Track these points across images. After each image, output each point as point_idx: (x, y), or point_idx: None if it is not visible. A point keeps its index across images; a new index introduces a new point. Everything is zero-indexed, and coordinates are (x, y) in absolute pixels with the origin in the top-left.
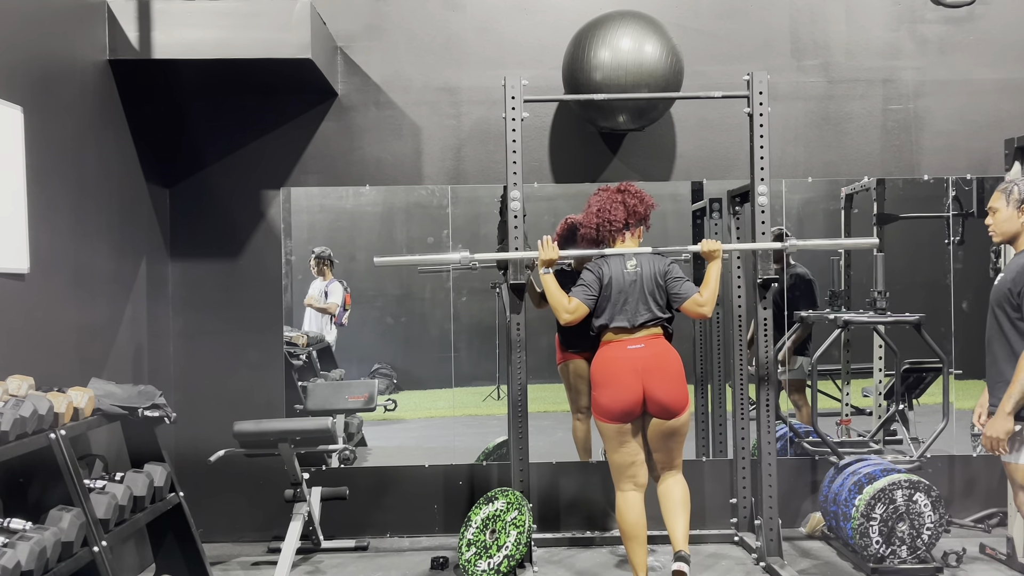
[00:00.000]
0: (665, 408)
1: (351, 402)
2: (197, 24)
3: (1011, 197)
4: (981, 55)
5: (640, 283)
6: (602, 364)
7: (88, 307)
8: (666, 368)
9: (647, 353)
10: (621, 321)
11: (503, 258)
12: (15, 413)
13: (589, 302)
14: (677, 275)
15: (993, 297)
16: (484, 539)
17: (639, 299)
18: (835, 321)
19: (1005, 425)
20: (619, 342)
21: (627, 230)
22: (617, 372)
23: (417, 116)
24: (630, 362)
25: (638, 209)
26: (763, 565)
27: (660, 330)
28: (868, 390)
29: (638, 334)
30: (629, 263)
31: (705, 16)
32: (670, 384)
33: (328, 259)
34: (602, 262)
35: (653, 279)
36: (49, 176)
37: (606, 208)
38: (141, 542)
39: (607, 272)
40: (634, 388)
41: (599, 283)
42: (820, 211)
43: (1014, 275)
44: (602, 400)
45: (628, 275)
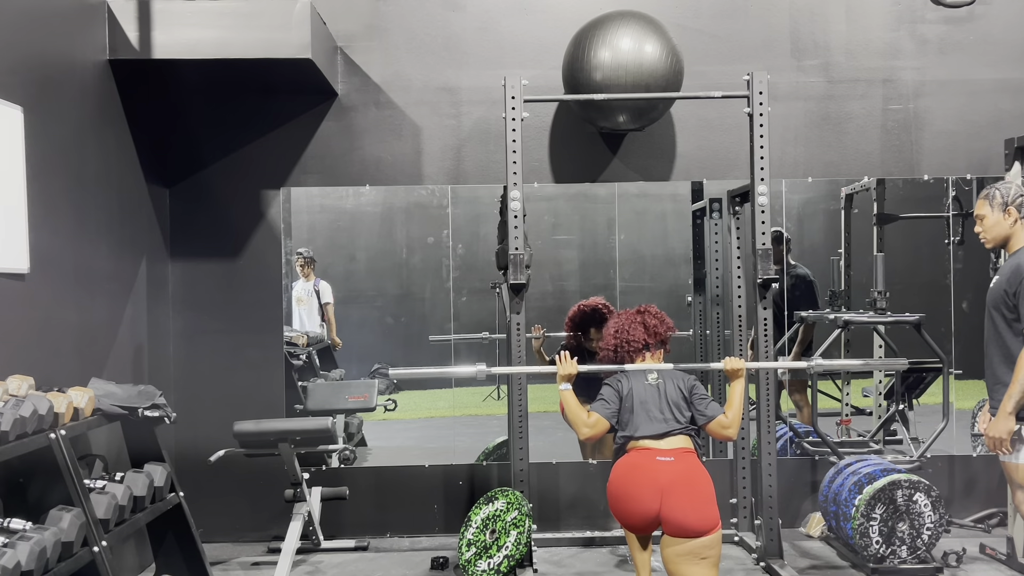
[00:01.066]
0: (684, 528)
1: (351, 402)
2: (197, 24)
3: (994, 202)
4: (981, 55)
5: (663, 394)
6: (620, 473)
7: (88, 307)
8: (693, 488)
9: (676, 469)
10: (646, 430)
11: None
12: (15, 413)
13: (611, 418)
14: (702, 394)
15: (989, 299)
16: (484, 539)
17: (664, 408)
18: (835, 321)
19: (1007, 425)
20: (647, 451)
21: (647, 350)
22: (633, 487)
23: (417, 116)
24: (653, 475)
25: (658, 330)
26: (763, 565)
27: (691, 443)
28: (868, 390)
29: (667, 444)
30: (650, 376)
31: (705, 16)
32: (694, 505)
33: (313, 259)
34: (622, 376)
35: (678, 391)
36: (49, 176)
37: (624, 328)
38: (141, 542)
39: (627, 385)
40: (650, 505)
41: (619, 397)
42: (820, 211)
43: (1008, 277)
44: (617, 510)
45: (649, 387)
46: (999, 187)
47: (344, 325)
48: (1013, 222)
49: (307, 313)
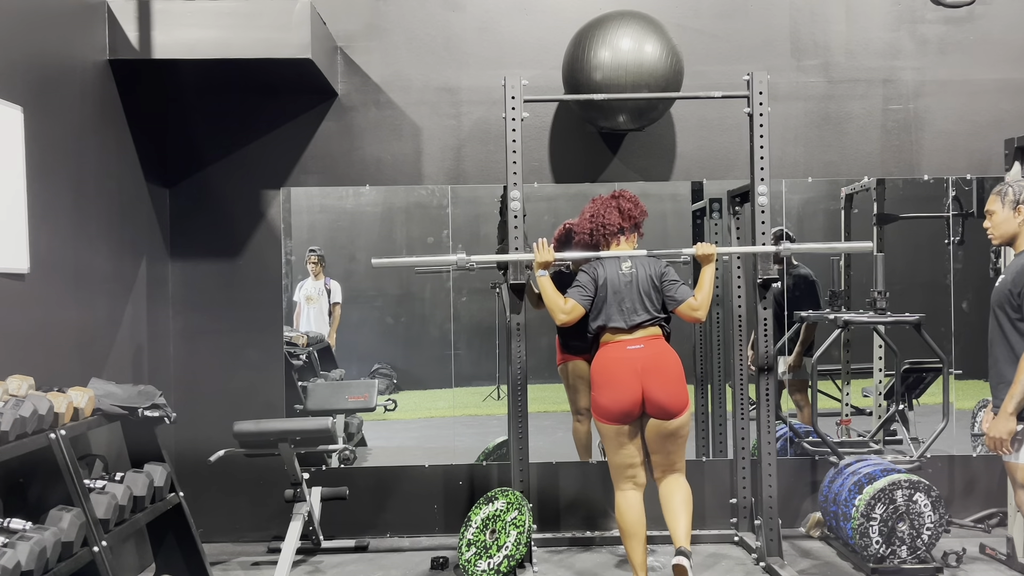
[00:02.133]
0: (663, 409)
1: (351, 402)
2: (197, 24)
3: (1006, 199)
4: (981, 55)
5: (636, 284)
6: (602, 365)
7: (88, 307)
8: (665, 369)
9: (646, 354)
10: (618, 322)
11: (500, 260)
12: (15, 413)
13: (585, 302)
14: (672, 278)
15: (994, 298)
16: (484, 539)
17: (635, 300)
18: (835, 321)
19: (1008, 425)
20: (618, 343)
21: (622, 234)
22: (616, 373)
23: (417, 116)
24: (629, 362)
25: (632, 213)
26: (763, 565)
27: (659, 330)
28: (868, 390)
29: (637, 334)
30: (624, 265)
31: (705, 16)
32: (669, 385)
33: (324, 257)
34: (597, 264)
35: (648, 280)
36: (49, 176)
37: (600, 213)
38: (141, 542)
39: (602, 273)
40: (633, 389)
41: (594, 284)
42: (820, 211)
43: (1014, 276)
44: (601, 401)
45: (623, 276)
46: (1013, 184)
47: (344, 325)
48: (1022, 220)
49: (317, 312)
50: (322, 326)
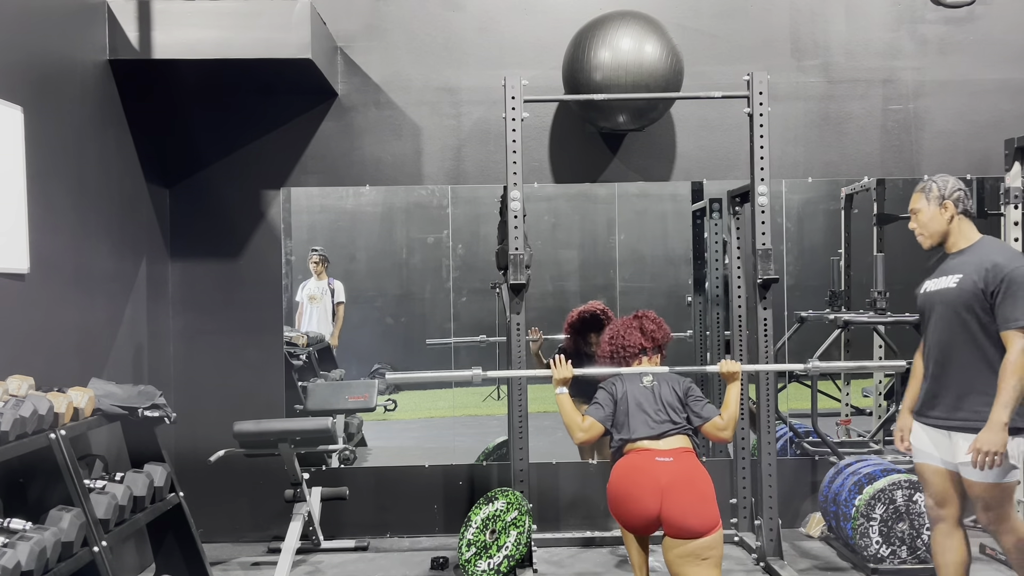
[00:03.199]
0: (684, 530)
1: (351, 402)
2: (197, 24)
3: (931, 195)
4: (981, 55)
5: (659, 396)
6: (620, 475)
7: (88, 307)
8: (693, 488)
9: (675, 469)
10: (643, 431)
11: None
12: (15, 413)
13: (605, 421)
14: (697, 396)
15: (955, 299)
16: (484, 539)
17: (658, 409)
18: (835, 321)
19: (1002, 436)
20: (646, 451)
21: (644, 355)
22: (633, 488)
23: (417, 116)
24: (652, 476)
25: (656, 335)
26: (763, 565)
27: (689, 443)
28: (868, 390)
29: (665, 444)
30: (645, 379)
31: (705, 16)
32: (694, 506)
33: (327, 258)
34: (617, 380)
35: (673, 394)
36: (49, 176)
37: (620, 334)
38: (141, 542)
39: (621, 388)
40: (649, 508)
41: (613, 401)
42: (820, 211)
43: (981, 274)
44: (616, 511)
45: (644, 389)
46: (936, 179)
47: (345, 325)
48: (950, 218)
49: (320, 312)
50: (325, 326)
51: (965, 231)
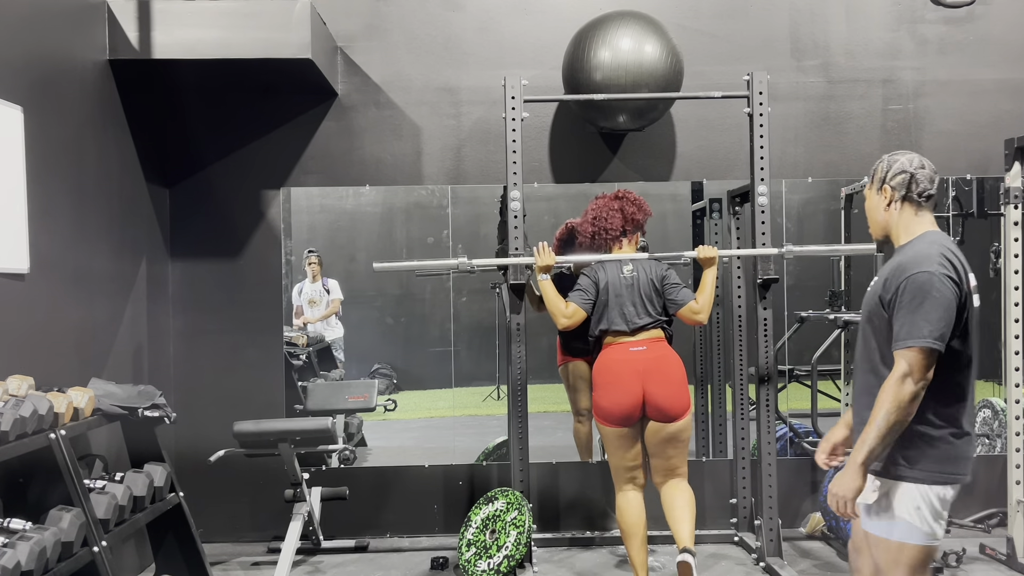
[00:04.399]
0: (664, 411)
1: (351, 402)
2: (197, 24)
3: (873, 177)
4: (981, 55)
5: (637, 287)
6: (603, 366)
7: (88, 307)
8: (667, 371)
9: (648, 356)
10: (620, 325)
11: (501, 263)
12: (15, 413)
13: (586, 306)
14: (674, 281)
15: (864, 309)
16: (484, 539)
17: (636, 303)
18: (835, 321)
19: (855, 481)
20: (621, 344)
21: (624, 237)
22: (618, 374)
23: (417, 116)
24: (631, 364)
25: (636, 216)
26: (763, 565)
27: (661, 333)
28: None
29: (639, 336)
30: (625, 268)
31: (705, 16)
32: (671, 388)
33: (321, 260)
34: (598, 267)
35: (650, 283)
36: (49, 176)
37: (602, 216)
38: (141, 542)
39: (603, 277)
40: (634, 391)
41: (595, 288)
42: (820, 211)
43: (886, 278)
44: (602, 403)
45: (625, 280)
46: (884, 158)
47: (344, 325)
48: (888, 204)
49: (317, 313)
50: (324, 328)
51: (907, 223)
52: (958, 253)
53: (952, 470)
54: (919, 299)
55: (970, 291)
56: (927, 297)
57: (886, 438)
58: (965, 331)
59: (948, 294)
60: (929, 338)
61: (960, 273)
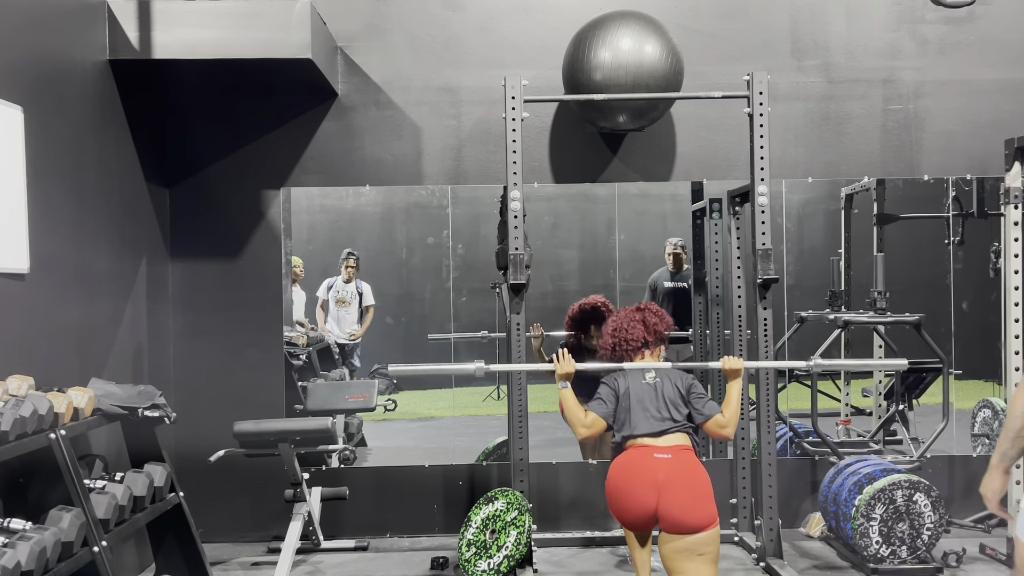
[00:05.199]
0: (680, 524)
1: (351, 402)
2: (197, 24)
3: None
4: (981, 55)
5: (660, 393)
6: (619, 469)
7: (88, 307)
8: (690, 482)
9: (672, 465)
10: (643, 428)
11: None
12: (15, 413)
13: (607, 417)
14: (699, 393)
15: None
16: (484, 539)
17: (660, 407)
18: (835, 321)
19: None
20: (645, 448)
21: (646, 348)
22: (632, 482)
23: (417, 116)
24: (650, 472)
25: (658, 328)
26: (763, 565)
27: (688, 440)
28: (868, 390)
29: (664, 441)
30: (648, 375)
31: (705, 16)
32: (691, 499)
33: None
34: (619, 375)
35: (675, 390)
36: (49, 176)
37: (623, 327)
38: (141, 542)
39: (623, 384)
40: (647, 503)
41: (615, 396)
42: (820, 211)
43: None
44: (614, 509)
45: (646, 386)
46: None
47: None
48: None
49: (348, 314)
50: (347, 328)
51: None
52: None
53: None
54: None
55: None
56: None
57: (1016, 441)
58: None
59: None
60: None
61: None
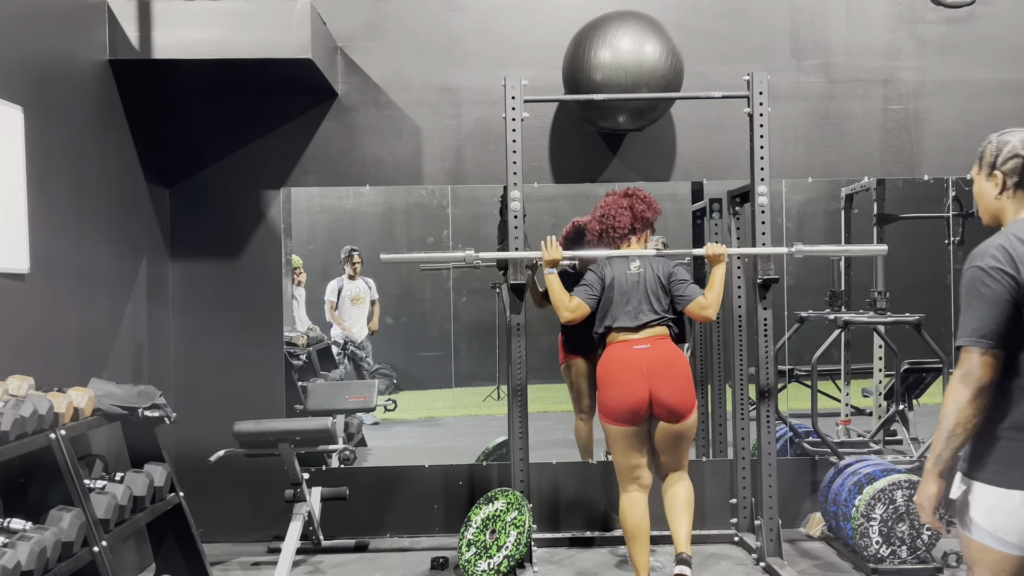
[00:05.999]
0: (671, 411)
1: (351, 402)
2: (197, 24)
3: (982, 162)
4: (981, 55)
5: (643, 284)
6: (607, 364)
7: (88, 307)
8: (672, 370)
9: (653, 354)
10: (624, 321)
11: (507, 257)
12: (15, 413)
13: (591, 301)
14: (681, 277)
15: None
16: (484, 539)
17: (642, 299)
18: (835, 321)
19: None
20: (624, 342)
21: (632, 235)
22: (622, 373)
23: (417, 116)
24: (636, 362)
25: (645, 214)
26: (763, 565)
27: (666, 331)
28: (868, 390)
29: (643, 334)
30: (632, 264)
31: (705, 16)
32: (676, 386)
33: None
34: (605, 264)
35: (656, 280)
36: (49, 176)
37: (611, 213)
38: (141, 542)
39: (609, 273)
40: (640, 389)
41: (601, 283)
42: (820, 211)
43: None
44: (607, 402)
45: (631, 276)
46: (992, 139)
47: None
48: (999, 192)
49: (363, 311)
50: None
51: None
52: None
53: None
54: (966, 296)
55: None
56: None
57: (949, 441)
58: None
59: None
60: (972, 336)
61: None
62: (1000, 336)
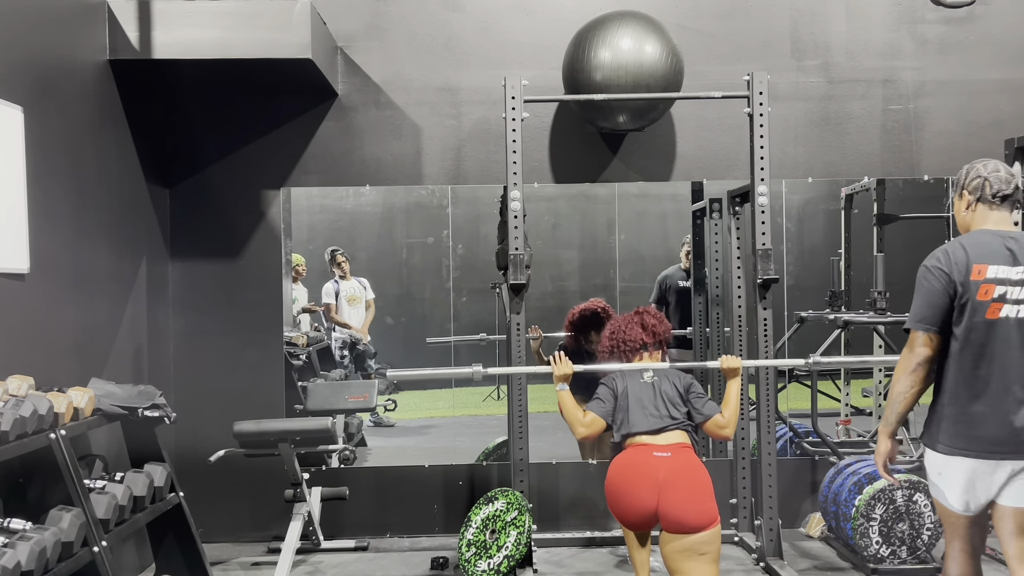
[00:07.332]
0: (682, 523)
1: (351, 402)
2: (197, 24)
3: (957, 184)
4: (981, 55)
5: (659, 391)
6: (619, 469)
7: (88, 307)
8: (690, 481)
9: (672, 464)
10: (642, 425)
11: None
12: (15, 413)
13: (606, 417)
14: (698, 392)
15: None
16: (484, 539)
17: (658, 404)
18: (835, 321)
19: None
20: (644, 447)
21: (644, 351)
22: (632, 481)
23: (417, 116)
24: (650, 471)
25: (656, 329)
26: (763, 565)
27: (687, 437)
28: (868, 390)
29: (664, 440)
30: (646, 374)
31: (705, 16)
32: (691, 498)
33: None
34: (618, 376)
35: (673, 388)
36: (49, 176)
37: (620, 328)
38: (141, 542)
39: (622, 384)
40: (647, 502)
41: (614, 396)
42: (820, 211)
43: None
44: (615, 506)
45: (645, 385)
46: (965, 167)
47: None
48: (966, 207)
49: (360, 311)
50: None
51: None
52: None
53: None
54: (916, 289)
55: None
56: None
57: (893, 406)
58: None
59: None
60: (914, 320)
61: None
62: (937, 321)
